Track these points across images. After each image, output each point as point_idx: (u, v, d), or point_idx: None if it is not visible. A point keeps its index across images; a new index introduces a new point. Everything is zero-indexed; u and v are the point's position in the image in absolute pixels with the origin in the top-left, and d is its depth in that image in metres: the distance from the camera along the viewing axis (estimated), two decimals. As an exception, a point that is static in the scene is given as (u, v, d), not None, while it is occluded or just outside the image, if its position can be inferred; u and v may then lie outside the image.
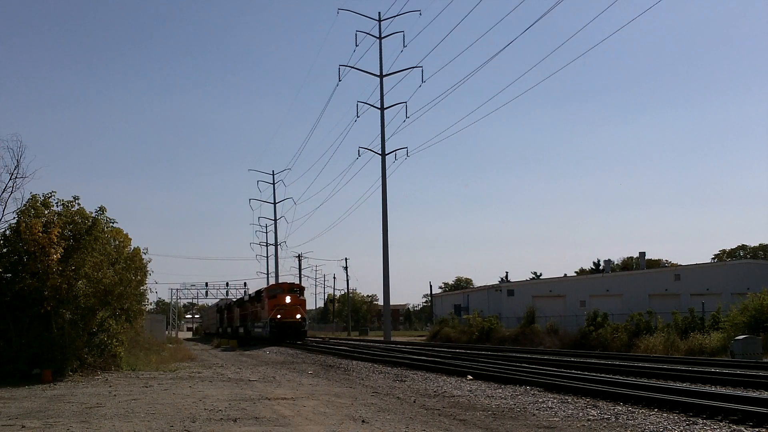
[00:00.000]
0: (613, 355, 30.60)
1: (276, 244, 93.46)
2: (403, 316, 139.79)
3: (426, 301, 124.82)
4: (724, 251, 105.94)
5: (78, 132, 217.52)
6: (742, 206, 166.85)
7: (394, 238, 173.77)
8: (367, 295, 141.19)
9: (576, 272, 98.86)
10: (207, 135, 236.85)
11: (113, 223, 25.23)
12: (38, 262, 21.98)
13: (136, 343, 31.70)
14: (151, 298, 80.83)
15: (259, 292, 56.90)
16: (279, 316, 48.91)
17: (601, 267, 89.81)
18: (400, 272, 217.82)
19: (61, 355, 22.38)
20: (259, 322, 53.04)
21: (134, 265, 25.00)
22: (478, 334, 51.62)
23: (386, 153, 58.35)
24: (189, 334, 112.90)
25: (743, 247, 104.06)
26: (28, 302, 22.43)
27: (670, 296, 62.09)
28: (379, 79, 58.88)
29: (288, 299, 49.50)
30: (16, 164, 24.30)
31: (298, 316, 49.77)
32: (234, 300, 77.67)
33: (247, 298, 64.49)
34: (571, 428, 11.54)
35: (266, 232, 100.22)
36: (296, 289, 51.80)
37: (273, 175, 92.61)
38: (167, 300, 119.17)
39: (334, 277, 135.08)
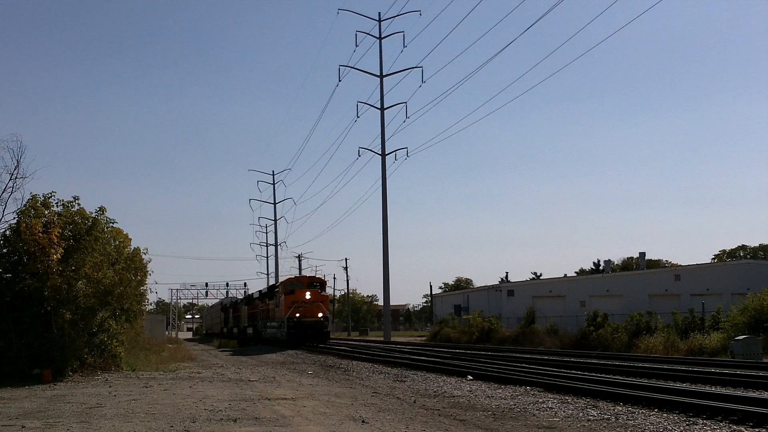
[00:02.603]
0: (613, 355, 30.61)
1: (276, 245, 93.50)
2: (403, 317, 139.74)
3: (426, 301, 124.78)
4: (724, 251, 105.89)
5: (78, 132, 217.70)
6: (742, 206, 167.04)
7: (394, 238, 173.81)
8: (367, 295, 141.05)
9: (576, 272, 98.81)
10: (207, 135, 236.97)
11: (113, 223, 25.30)
12: (38, 263, 22.00)
13: (136, 343, 31.70)
14: (151, 298, 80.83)
15: (272, 288, 51.37)
16: (298, 315, 42.49)
17: (601, 267, 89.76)
18: (400, 272, 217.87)
19: (61, 356, 22.38)
20: (273, 322, 47.40)
21: (134, 266, 25.01)
22: (478, 334, 51.60)
23: (386, 153, 58.38)
24: (189, 335, 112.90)
25: (743, 247, 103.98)
26: (28, 302, 22.44)
27: (670, 296, 62.07)
28: (379, 79, 58.92)
29: (308, 295, 43.04)
30: (16, 164, 24.33)
31: (320, 314, 43.22)
32: (240, 297, 74.64)
33: (257, 294, 58.27)
34: (571, 428, 11.54)
35: (266, 233, 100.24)
36: (317, 284, 45.16)
37: (273, 175, 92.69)
38: (167, 300, 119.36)
39: (334, 277, 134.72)
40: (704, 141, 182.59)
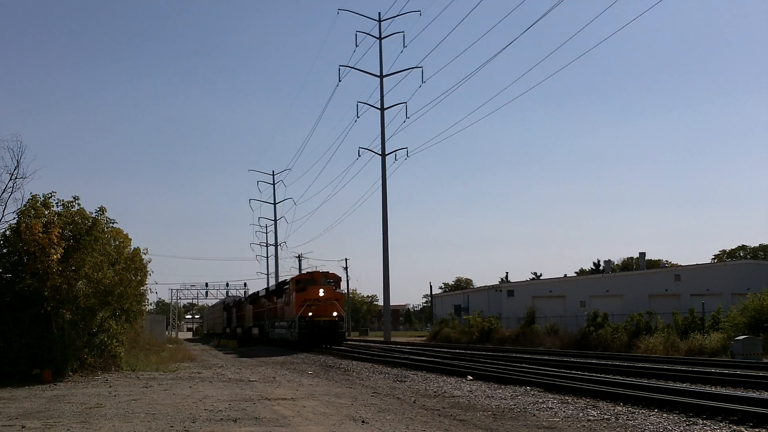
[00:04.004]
0: (613, 355, 30.62)
1: (276, 245, 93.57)
2: (403, 317, 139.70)
3: (426, 302, 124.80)
4: (724, 251, 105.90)
5: (78, 132, 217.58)
6: (742, 206, 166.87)
7: (394, 238, 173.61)
8: (367, 295, 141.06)
9: (576, 272, 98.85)
10: (207, 135, 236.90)
11: (113, 223, 25.27)
12: (38, 263, 21.98)
13: (136, 343, 31.70)
14: (151, 298, 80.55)
15: (281, 285, 47.06)
16: (310, 314, 38.74)
17: (601, 267, 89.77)
18: (400, 272, 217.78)
19: (61, 356, 22.38)
20: (282, 322, 43.93)
21: (134, 266, 24.99)
22: (478, 334, 51.62)
23: (386, 153, 58.40)
24: (189, 335, 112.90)
25: (743, 248, 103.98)
26: (28, 302, 22.43)
27: (670, 296, 62.08)
28: (379, 79, 58.93)
29: (321, 292, 39.27)
30: (16, 164, 24.32)
31: (335, 313, 39.49)
32: (245, 296, 73.94)
33: (263, 292, 55.00)
34: (571, 428, 11.54)
35: (266, 233, 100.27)
36: (331, 280, 41.16)
37: (273, 175, 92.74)
38: (167, 300, 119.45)
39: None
40: (704, 141, 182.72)
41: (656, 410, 13.00)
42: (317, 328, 38.76)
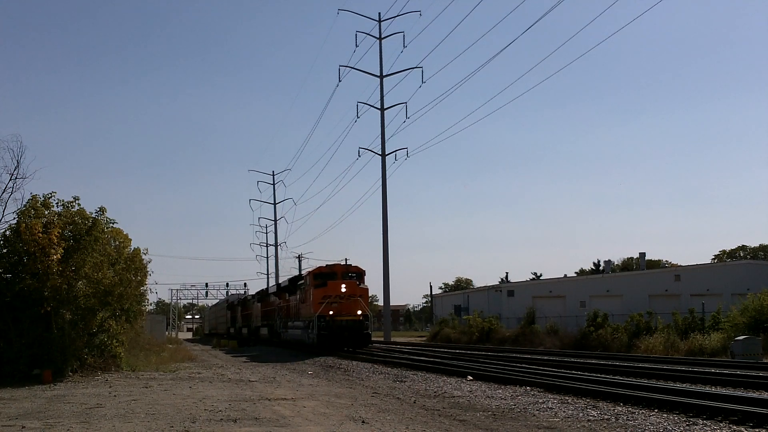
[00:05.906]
0: (613, 355, 30.62)
1: (276, 245, 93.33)
2: (403, 317, 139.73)
3: (426, 302, 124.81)
4: (724, 251, 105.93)
5: (78, 132, 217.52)
6: (742, 206, 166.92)
7: (394, 238, 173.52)
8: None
9: (576, 273, 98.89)
10: (207, 135, 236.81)
11: (113, 223, 25.29)
12: (38, 263, 21.99)
13: (136, 343, 31.69)
14: (151, 298, 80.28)
15: (295, 280, 42.27)
16: (331, 313, 34.39)
17: (601, 267, 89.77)
18: (400, 272, 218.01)
19: (61, 356, 22.38)
20: (297, 321, 39.58)
21: (134, 266, 25.01)
22: (478, 334, 51.61)
23: (386, 153, 58.34)
24: (189, 335, 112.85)
25: (743, 248, 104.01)
26: (28, 303, 22.44)
27: (671, 297, 62.04)
28: (379, 79, 58.86)
29: (344, 288, 34.63)
30: (16, 165, 24.39)
31: (359, 312, 35.04)
32: (245, 293, 72.25)
33: (273, 289, 50.69)
34: (571, 428, 11.55)
35: (266, 233, 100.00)
36: (354, 274, 36.10)
37: (273, 175, 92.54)
38: (167, 300, 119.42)
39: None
40: (704, 141, 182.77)
41: (656, 410, 13.00)
42: (339, 329, 34.48)
